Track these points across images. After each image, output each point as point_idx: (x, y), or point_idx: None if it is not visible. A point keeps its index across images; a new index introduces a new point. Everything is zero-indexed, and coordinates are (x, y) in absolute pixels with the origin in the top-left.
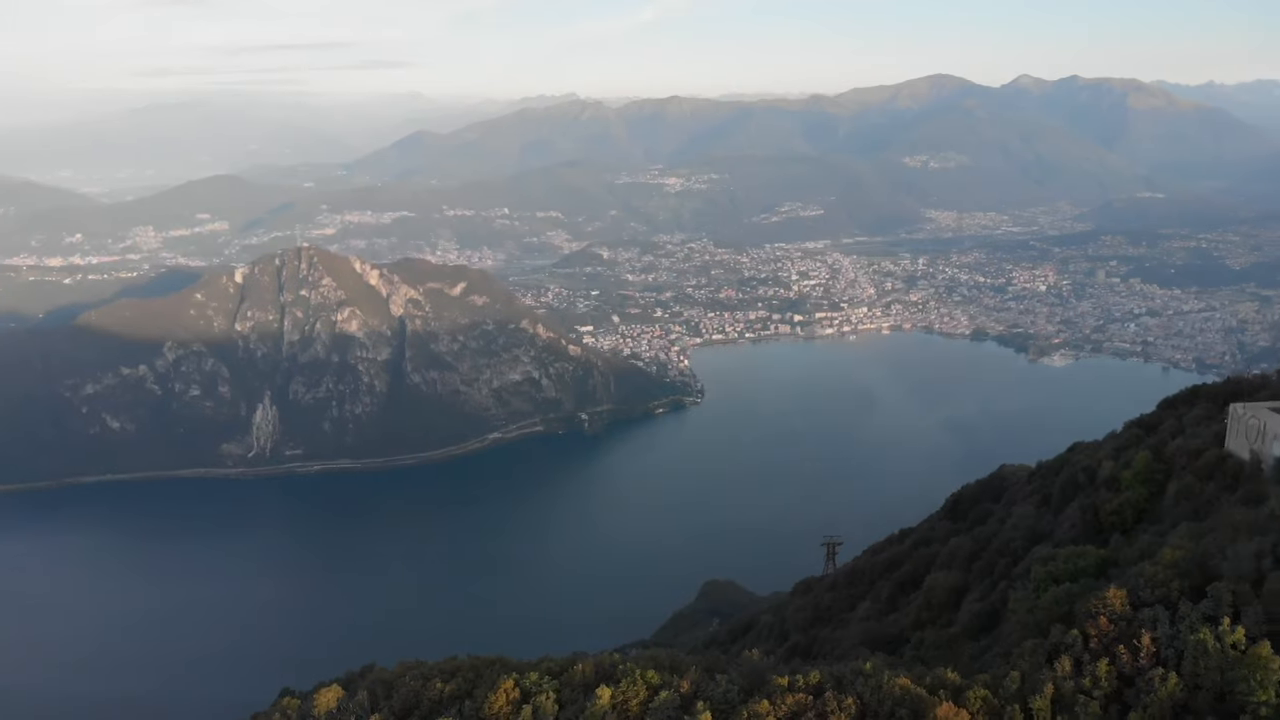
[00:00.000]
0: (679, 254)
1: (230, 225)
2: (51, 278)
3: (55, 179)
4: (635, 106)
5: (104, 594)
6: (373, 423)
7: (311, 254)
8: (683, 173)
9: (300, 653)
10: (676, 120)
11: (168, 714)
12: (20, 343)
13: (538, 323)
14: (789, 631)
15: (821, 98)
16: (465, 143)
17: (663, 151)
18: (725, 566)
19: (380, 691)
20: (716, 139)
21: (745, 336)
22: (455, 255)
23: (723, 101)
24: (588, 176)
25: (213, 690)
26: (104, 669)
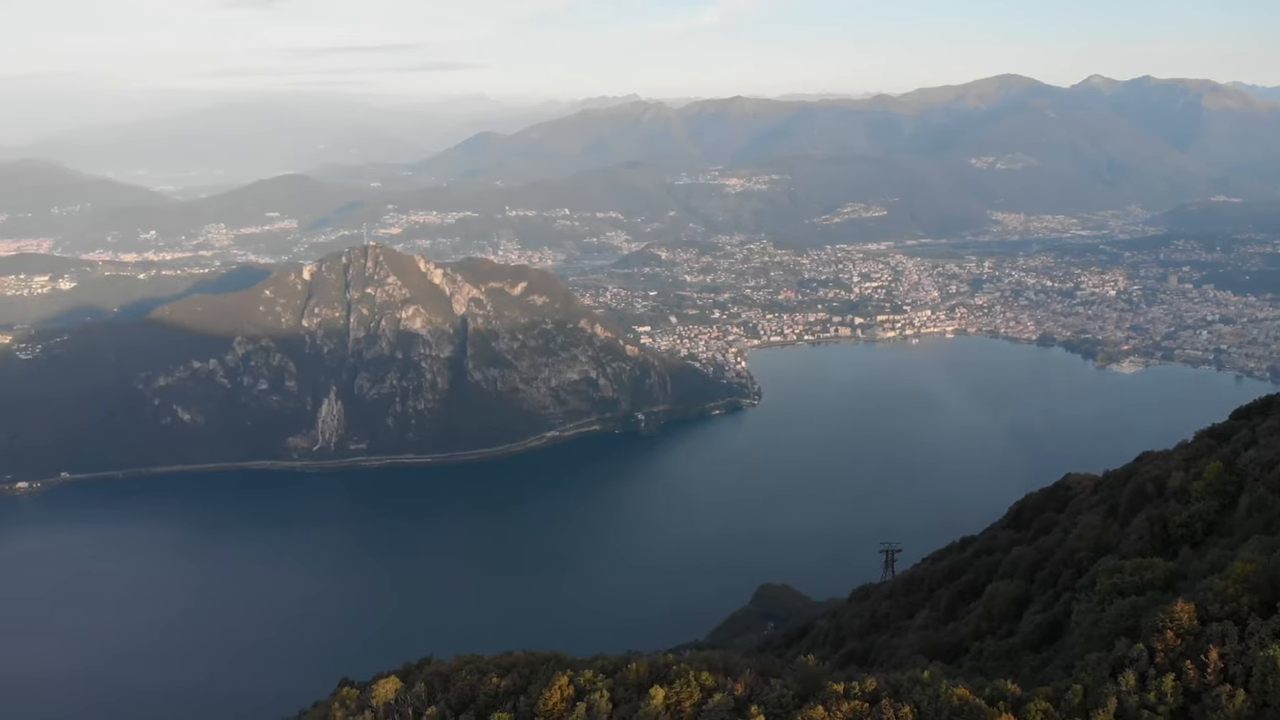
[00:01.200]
0: (738, 255)
1: (299, 224)
2: (127, 273)
3: (131, 177)
4: (696, 107)
5: (171, 582)
6: (434, 419)
7: (378, 253)
8: (743, 173)
9: (360, 644)
10: (738, 121)
11: (232, 701)
12: (96, 336)
13: (596, 323)
14: (845, 638)
15: (886, 97)
16: (528, 144)
17: (723, 152)
18: (780, 570)
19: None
20: (778, 139)
21: (804, 339)
22: (516, 255)
23: (785, 101)
24: (648, 177)
25: (275, 679)
26: (170, 656)
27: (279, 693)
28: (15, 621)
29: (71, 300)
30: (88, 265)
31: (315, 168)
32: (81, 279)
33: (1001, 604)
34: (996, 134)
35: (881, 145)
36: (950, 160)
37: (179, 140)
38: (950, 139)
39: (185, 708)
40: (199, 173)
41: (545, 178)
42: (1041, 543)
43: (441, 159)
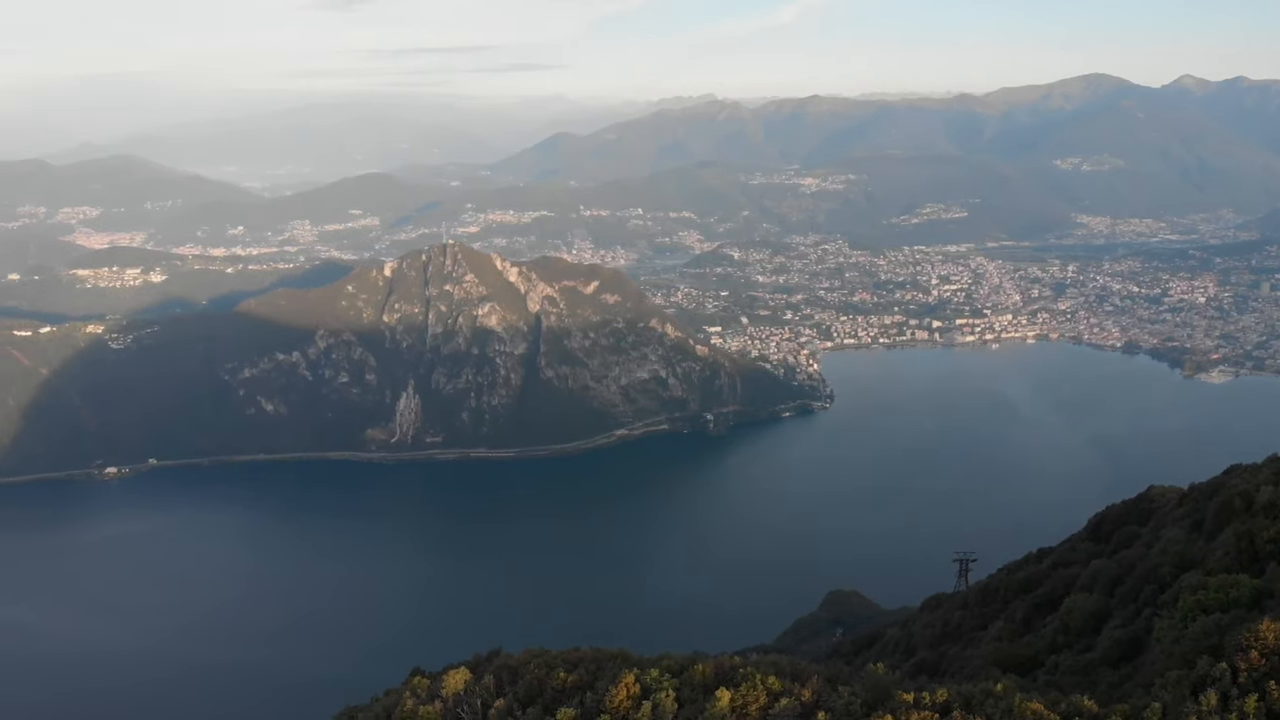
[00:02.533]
0: (812, 255)
1: (381, 221)
2: (215, 267)
3: (221, 173)
4: (773, 106)
5: (251, 567)
6: (507, 414)
7: (456, 250)
8: (819, 173)
9: (431, 633)
10: (815, 120)
11: (305, 683)
12: (185, 327)
13: (666, 322)
14: (916, 647)
15: (968, 97)
16: (603, 144)
17: (799, 152)
18: (850, 576)
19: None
20: (855, 139)
21: (880, 342)
22: (590, 254)
23: (863, 100)
24: (722, 177)
25: (347, 664)
26: (247, 638)
27: (350, 678)
28: (103, 602)
29: (162, 292)
30: (178, 259)
31: (398, 166)
32: (172, 272)
33: (1079, 618)
34: (1083, 135)
35: (963, 145)
36: (1034, 161)
37: (267, 138)
38: (1034, 139)
39: (260, 688)
40: (286, 170)
41: (619, 178)
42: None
43: (519, 159)
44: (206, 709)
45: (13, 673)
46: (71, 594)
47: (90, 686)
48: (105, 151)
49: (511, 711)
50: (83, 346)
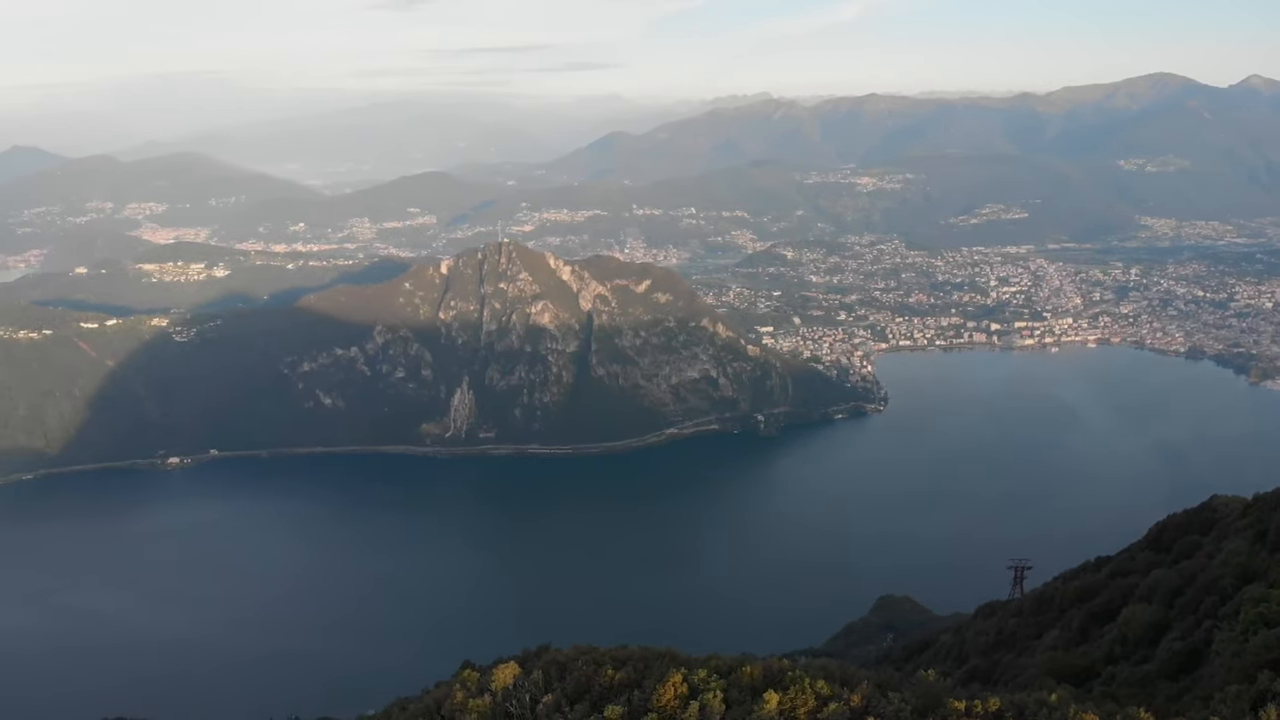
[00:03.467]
0: (867, 255)
1: (438, 219)
2: (277, 262)
3: (283, 171)
4: (829, 105)
5: (306, 557)
6: (559, 411)
7: (511, 249)
8: (876, 172)
9: (480, 627)
10: (872, 118)
11: (357, 676)
12: (246, 321)
13: (718, 322)
14: (968, 654)
15: (1030, 95)
16: (657, 143)
17: (856, 151)
18: (902, 581)
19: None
20: (913, 137)
21: (936, 344)
22: (642, 253)
23: (922, 99)
24: (776, 176)
25: (399, 657)
26: (300, 630)
27: (401, 669)
28: (163, 590)
29: (225, 287)
30: (241, 254)
31: (455, 165)
32: (235, 267)
33: (1137, 628)
34: (1148, 135)
35: (1024, 145)
36: (1097, 161)
37: (329, 137)
38: (1098, 139)
39: (313, 678)
40: (346, 168)
41: (672, 177)
42: (1183, 567)
43: (574, 158)
44: (259, 697)
45: (76, 657)
46: (133, 581)
47: (147, 673)
48: (170, 149)
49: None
50: (147, 339)
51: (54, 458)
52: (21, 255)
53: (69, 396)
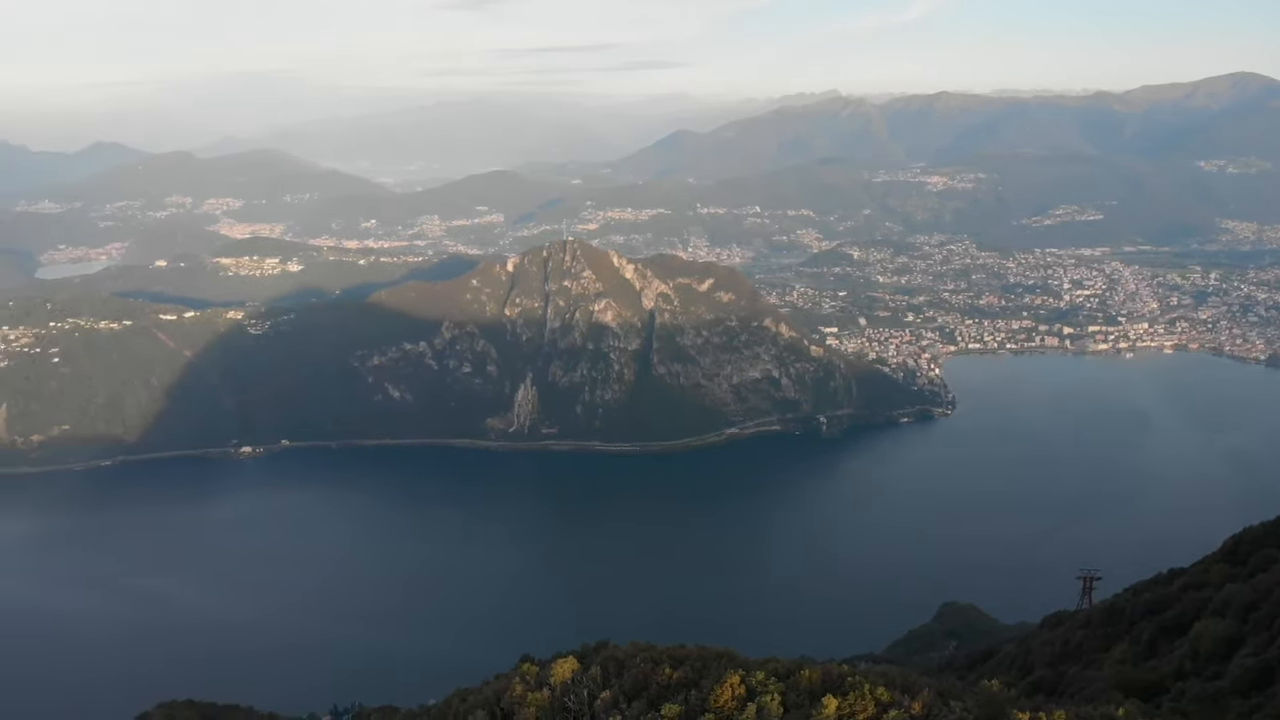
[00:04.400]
0: (936, 256)
1: (505, 217)
2: (349, 258)
3: (355, 169)
4: (899, 103)
5: (370, 546)
6: (620, 409)
7: (575, 247)
8: (946, 171)
9: (539, 620)
10: (943, 117)
11: (418, 665)
12: (319, 315)
13: (781, 321)
14: (1033, 665)
15: (1106, 95)
16: (723, 141)
17: (926, 149)
18: (966, 589)
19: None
20: (986, 136)
21: (1006, 347)
22: (705, 252)
23: (994, 97)
24: (843, 174)
25: (460, 646)
26: (361, 616)
27: (460, 659)
28: (235, 576)
29: (298, 281)
30: (314, 250)
31: (523, 164)
32: (308, 262)
33: (1209, 643)
34: (1229, 135)
35: (1100, 145)
36: (1175, 162)
37: (399, 135)
38: (1177, 140)
39: (375, 665)
40: (417, 167)
41: (738, 175)
42: (1259, 581)
43: (639, 157)
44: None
45: (145, 638)
46: (204, 566)
47: (212, 656)
48: (247, 146)
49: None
50: (223, 331)
51: (131, 445)
52: (103, 248)
53: (147, 386)
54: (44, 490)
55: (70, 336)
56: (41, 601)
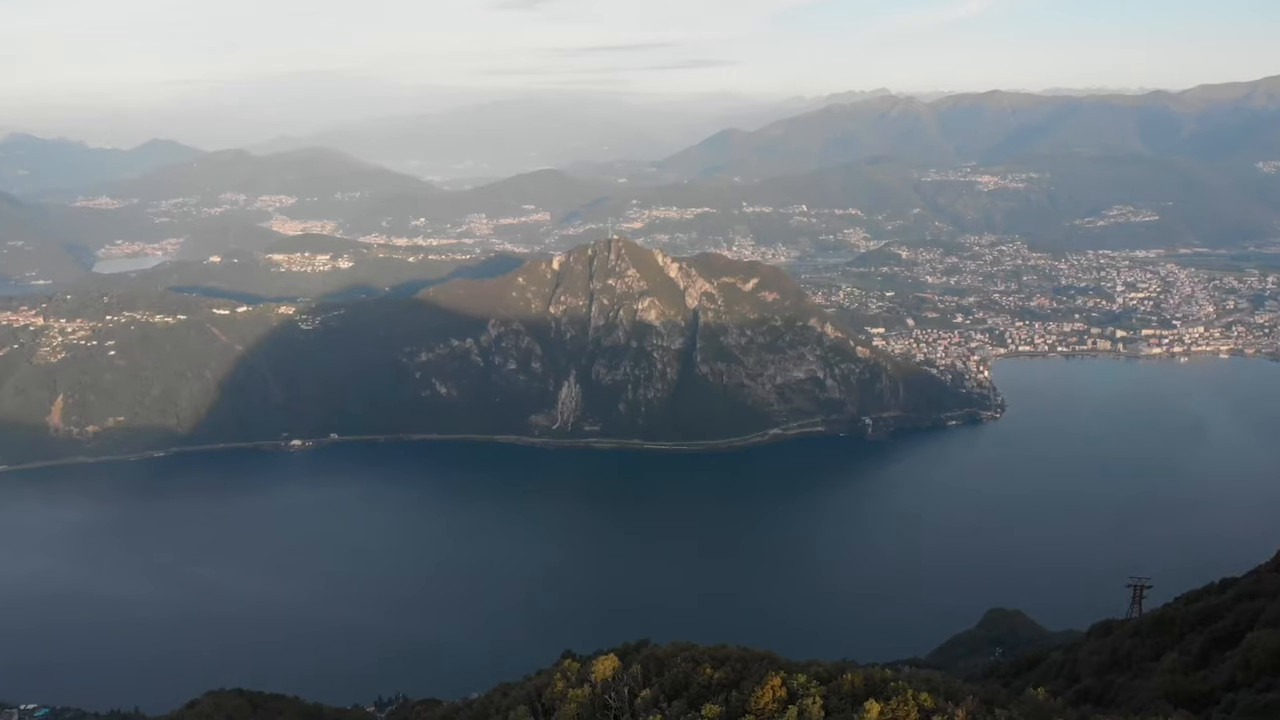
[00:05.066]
0: (987, 257)
1: (551, 216)
2: (398, 256)
3: (405, 167)
4: (950, 101)
5: (415, 539)
6: (662, 407)
7: (620, 246)
8: (998, 170)
9: (580, 616)
10: (994, 115)
11: (461, 658)
12: (368, 312)
13: (826, 322)
14: (1080, 674)
15: (1162, 94)
16: (770, 140)
17: (977, 148)
18: (1013, 595)
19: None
20: (1038, 136)
21: (1057, 350)
22: (750, 251)
23: (1047, 96)
24: (892, 173)
25: (501, 640)
26: (408, 609)
27: (502, 653)
28: (282, 565)
29: (349, 278)
30: (364, 247)
31: (570, 163)
32: (358, 259)
33: (1262, 655)
34: None
35: (1155, 145)
36: (1234, 163)
37: (449, 134)
38: (1235, 140)
39: (417, 656)
40: (466, 165)
41: (784, 174)
42: None
43: (685, 155)
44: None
45: (195, 626)
46: (252, 557)
47: (260, 644)
48: (300, 144)
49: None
50: (275, 326)
51: (184, 436)
52: (159, 244)
53: (200, 379)
54: (99, 480)
55: (126, 330)
56: (97, 588)
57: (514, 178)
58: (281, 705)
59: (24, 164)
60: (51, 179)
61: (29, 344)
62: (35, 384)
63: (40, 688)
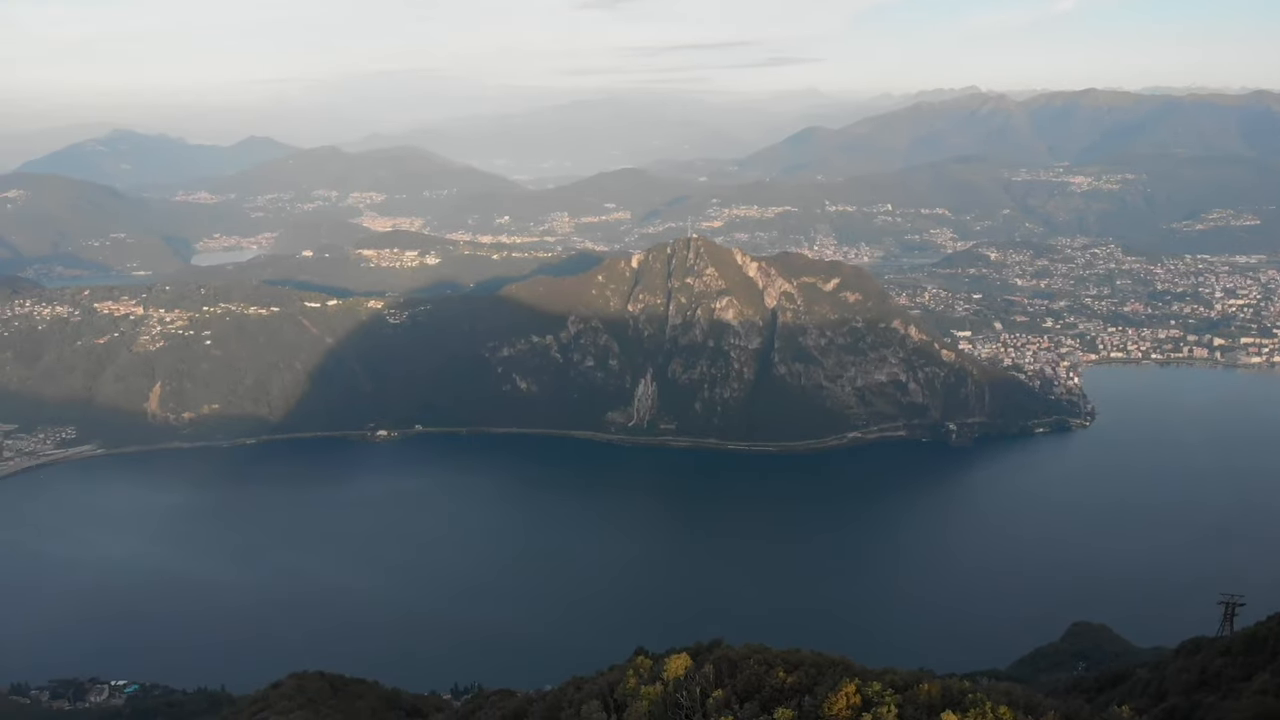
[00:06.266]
0: (1079, 260)
1: (632, 214)
2: (482, 252)
3: (491, 166)
4: (1042, 99)
5: (493, 529)
6: (739, 407)
7: (699, 244)
8: (1091, 171)
9: (652, 613)
10: (1089, 114)
11: (534, 649)
12: (453, 307)
13: (910, 324)
14: (1167, 691)
15: (1265, 93)
16: (854, 138)
17: (1070, 148)
18: (1099, 609)
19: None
20: (1134, 135)
21: (1151, 357)
22: (832, 251)
23: (1145, 95)
24: (981, 173)
25: (574, 633)
26: (484, 599)
27: (573, 646)
28: (361, 552)
29: (435, 274)
30: (450, 244)
31: (651, 162)
32: (445, 256)
33: None
34: None
35: (1259, 146)
36: None
37: (533, 133)
38: None
39: (492, 646)
40: (550, 164)
41: (869, 172)
42: None
43: (767, 153)
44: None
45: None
46: (335, 543)
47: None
48: (390, 142)
49: (729, 704)
50: (364, 319)
51: (275, 425)
52: (254, 238)
53: (291, 369)
54: (193, 465)
55: (222, 321)
56: (187, 570)
57: (596, 176)
58: (361, 689)
59: (127, 159)
60: (153, 174)
61: (129, 333)
62: (135, 371)
63: (131, 665)
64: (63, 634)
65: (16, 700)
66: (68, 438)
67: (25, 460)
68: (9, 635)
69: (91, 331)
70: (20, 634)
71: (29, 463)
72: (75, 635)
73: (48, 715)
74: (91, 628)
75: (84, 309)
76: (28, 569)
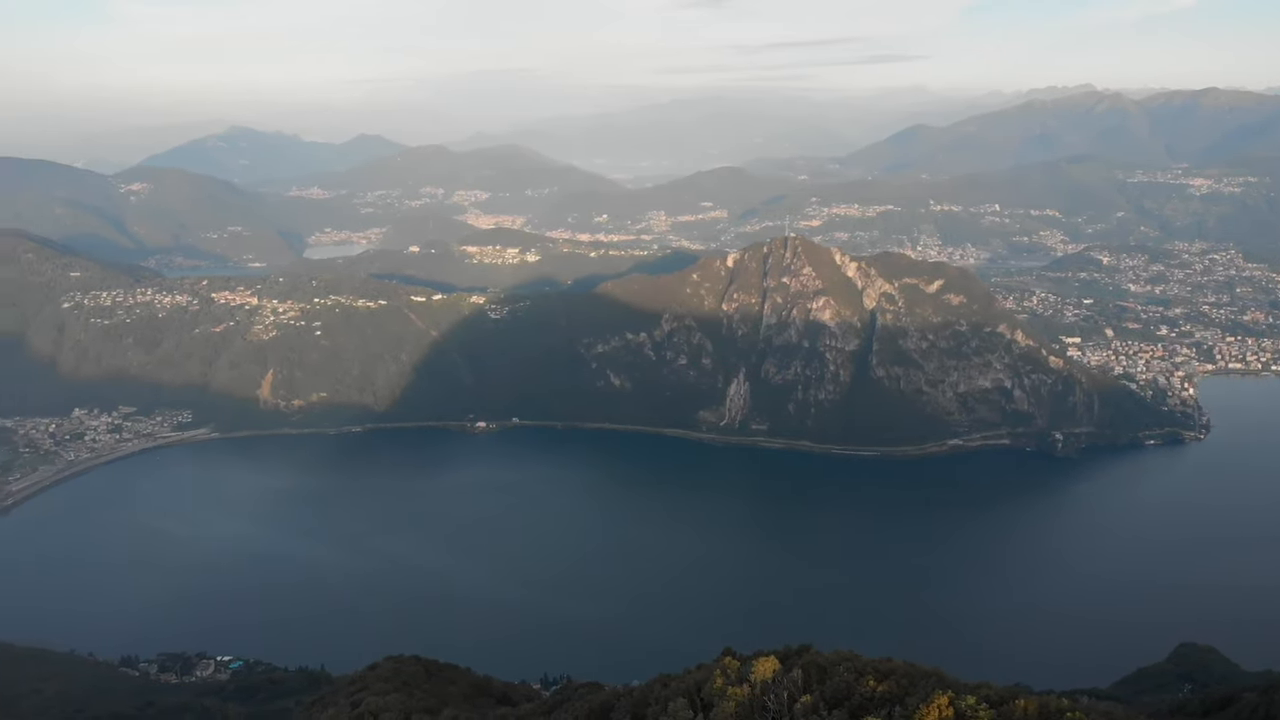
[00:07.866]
0: (1197, 265)
1: (728, 213)
2: (581, 250)
3: (591, 165)
4: (1161, 98)
5: (585, 526)
6: (834, 410)
7: (796, 244)
8: (1212, 173)
9: (741, 615)
10: (1210, 114)
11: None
12: (551, 303)
13: (1017, 328)
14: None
15: None
16: (962, 136)
17: (1189, 149)
18: (1207, 630)
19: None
20: (1258, 136)
21: (1272, 369)
22: (936, 252)
23: (1270, 95)
24: (1095, 173)
25: (661, 630)
26: (575, 593)
27: (661, 643)
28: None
29: (535, 271)
30: (550, 242)
31: (749, 160)
32: (544, 253)
33: None
34: None
35: None
36: None
37: (633, 132)
38: None
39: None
40: (649, 163)
41: (976, 171)
42: None
43: (870, 151)
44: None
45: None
46: (435, 531)
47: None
48: (494, 141)
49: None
50: (466, 314)
51: (379, 414)
52: (364, 233)
53: (396, 361)
54: (301, 450)
55: (331, 312)
56: (292, 552)
57: (693, 175)
58: (454, 675)
59: (244, 155)
60: (269, 169)
61: (244, 322)
62: (248, 359)
63: (236, 641)
64: (172, 609)
65: (126, 672)
66: (184, 421)
67: (143, 442)
68: (121, 609)
69: (209, 320)
70: (132, 608)
71: (147, 444)
72: (184, 611)
73: (156, 687)
74: (200, 604)
75: (202, 298)
76: (142, 545)
